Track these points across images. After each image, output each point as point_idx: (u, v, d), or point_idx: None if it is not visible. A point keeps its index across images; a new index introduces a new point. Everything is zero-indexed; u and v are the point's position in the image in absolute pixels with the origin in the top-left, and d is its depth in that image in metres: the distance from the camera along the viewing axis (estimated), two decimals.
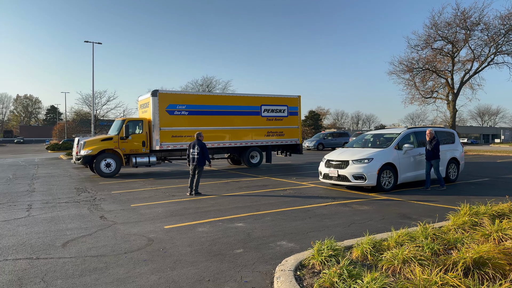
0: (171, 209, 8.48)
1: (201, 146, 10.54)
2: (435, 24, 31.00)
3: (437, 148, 10.65)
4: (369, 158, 10.17)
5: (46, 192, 11.67)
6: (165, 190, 11.65)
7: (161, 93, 16.65)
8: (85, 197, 10.55)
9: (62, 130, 62.33)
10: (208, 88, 56.56)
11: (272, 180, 13.60)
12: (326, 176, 10.99)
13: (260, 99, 19.23)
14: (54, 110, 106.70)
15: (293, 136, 20.22)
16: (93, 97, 35.65)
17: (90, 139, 16.27)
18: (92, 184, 13.50)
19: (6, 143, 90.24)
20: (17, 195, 11.05)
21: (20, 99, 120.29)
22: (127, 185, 13.07)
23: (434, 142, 10.64)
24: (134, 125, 16.41)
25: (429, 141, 10.74)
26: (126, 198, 10.16)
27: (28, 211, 8.67)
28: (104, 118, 45.98)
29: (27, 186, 13.08)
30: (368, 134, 12.59)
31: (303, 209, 8.17)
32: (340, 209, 8.19)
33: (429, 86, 34.09)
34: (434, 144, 10.63)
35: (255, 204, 8.86)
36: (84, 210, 8.65)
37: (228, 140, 18.22)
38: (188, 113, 17.21)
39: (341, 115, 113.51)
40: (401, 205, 8.55)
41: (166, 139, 16.64)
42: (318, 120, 76.35)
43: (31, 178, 15.87)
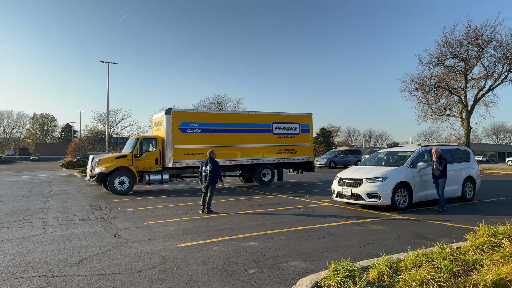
0: (184, 227, 8.48)
1: (213, 164, 10.59)
2: (446, 42, 31.03)
3: (445, 167, 10.33)
4: (383, 177, 10.08)
5: (61, 209, 11.80)
6: (178, 208, 11.68)
7: (174, 112, 16.89)
8: (99, 214, 10.64)
9: (76, 147, 63.34)
10: (220, 106, 57.15)
11: (284, 198, 13.53)
12: (339, 194, 10.90)
13: (272, 117, 19.34)
14: (69, 128, 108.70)
15: (305, 153, 20.17)
16: (108, 116, 36.28)
17: (105, 157, 16.50)
18: (106, 201, 13.62)
19: (22, 160, 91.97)
20: (33, 212, 11.20)
21: (37, 117, 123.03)
22: (140, 202, 13.15)
23: (442, 160, 10.32)
24: (148, 143, 16.62)
25: (437, 160, 10.40)
26: (139, 216, 10.21)
27: (44, 228, 8.77)
28: (118, 136, 46.65)
29: (42, 204, 13.26)
30: (381, 152, 12.50)
31: (316, 228, 8.09)
32: (354, 228, 8.09)
33: (442, 104, 33.86)
34: (441, 163, 10.30)
35: (267, 223, 8.81)
36: (98, 227, 8.71)
37: (240, 158, 18.27)
38: (201, 131, 17.38)
39: (353, 133, 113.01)
40: (416, 225, 8.40)
41: (179, 157, 16.77)
42: (330, 137, 76.07)
43: (46, 195, 16.09)
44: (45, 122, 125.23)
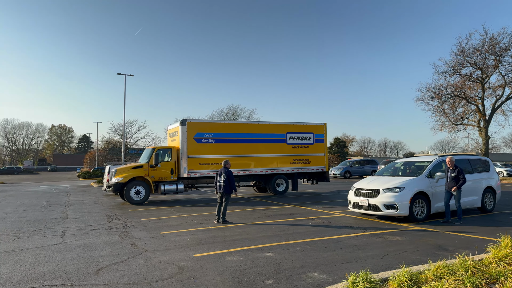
0: (200, 237, 8.50)
1: (227, 174, 10.58)
2: (462, 51, 30.69)
3: (459, 178, 9.93)
4: (400, 187, 9.93)
5: (78, 219, 11.97)
6: (193, 217, 11.72)
7: (189, 122, 17.07)
8: (115, 224, 10.75)
9: (93, 158, 64.38)
10: (233, 116, 57.47)
11: (299, 208, 13.44)
12: (355, 205, 10.77)
13: (286, 127, 19.33)
14: (86, 139, 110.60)
15: (319, 163, 20.05)
16: (124, 127, 36.85)
17: (121, 167, 16.72)
18: (122, 211, 13.76)
19: (40, 170, 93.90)
20: (51, 222, 11.38)
21: (55, 128, 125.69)
22: (156, 212, 13.24)
23: (457, 170, 9.99)
24: (163, 153, 16.80)
25: (451, 169, 10.07)
26: (155, 226, 10.28)
27: (62, 237, 8.90)
28: (134, 146, 47.24)
29: (60, 213, 13.47)
30: (398, 162, 12.34)
31: (333, 240, 8.00)
32: (372, 239, 7.97)
33: (459, 113, 33.34)
34: (457, 172, 9.95)
35: (283, 233, 8.75)
36: (115, 237, 8.80)
37: (254, 168, 18.27)
38: (215, 141, 17.48)
39: (367, 142, 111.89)
40: (436, 236, 8.22)
41: (194, 167, 16.88)
42: (344, 147, 75.46)
43: (64, 205, 16.35)
44: (63, 133, 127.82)
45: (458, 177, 9.94)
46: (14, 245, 8.04)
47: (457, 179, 9.93)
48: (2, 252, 7.43)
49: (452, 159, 10.15)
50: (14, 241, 8.50)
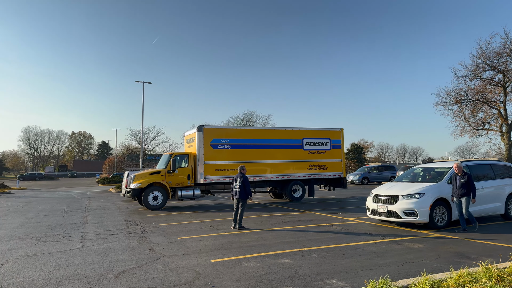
0: (217, 243, 8.52)
1: (243, 180, 10.61)
2: (483, 54, 30.04)
3: (471, 184, 9.51)
4: (420, 193, 9.74)
5: (98, 224, 12.17)
6: (210, 223, 11.76)
7: (206, 128, 17.21)
8: (134, 229, 10.88)
9: (111, 164, 65.48)
10: (249, 122, 57.64)
11: (316, 215, 13.32)
12: (374, 211, 10.61)
13: (302, 132, 19.26)
14: (105, 146, 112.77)
15: (337, 169, 19.87)
16: (142, 133, 37.41)
17: (140, 173, 16.96)
18: (140, 216, 13.92)
19: (60, 176, 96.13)
20: (72, 227, 11.60)
21: (75, 135, 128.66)
22: (173, 217, 13.34)
23: (466, 177, 9.53)
24: (180, 159, 16.97)
25: (460, 175, 9.61)
26: (173, 231, 10.36)
27: (82, 242, 9.06)
28: (152, 152, 47.88)
29: (80, 218, 13.72)
30: (417, 167, 12.12)
31: (351, 246, 7.89)
32: (391, 247, 7.82)
33: (480, 118, 32.55)
34: (467, 179, 9.50)
35: (300, 240, 8.68)
36: (133, 242, 8.90)
37: (270, 174, 18.24)
38: (231, 147, 17.56)
39: (385, 148, 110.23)
40: (457, 243, 8.02)
41: (210, 173, 16.98)
42: (361, 153, 74.50)
43: (84, 210, 16.66)
44: (83, 140, 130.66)
45: (468, 184, 9.47)
46: (36, 249, 8.23)
47: (467, 186, 9.47)
48: (25, 256, 7.62)
49: (460, 165, 9.77)
50: (36, 245, 8.69)
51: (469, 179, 9.52)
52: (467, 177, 9.53)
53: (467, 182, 9.49)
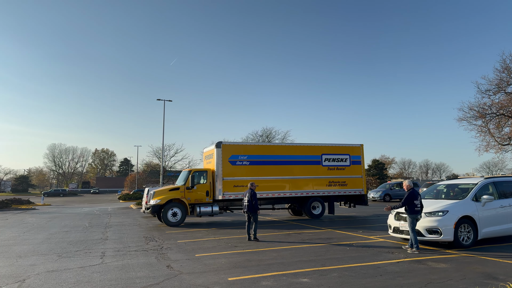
0: (234, 260, 8.43)
1: (251, 194, 11.45)
2: (507, 68, 29.30)
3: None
4: (444, 211, 9.43)
5: (117, 240, 12.28)
6: (228, 240, 11.69)
7: (224, 145, 17.30)
8: (152, 246, 10.92)
9: (133, 181, 66.46)
10: (267, 138, 57.64)
11: (337, 233, 13.06)
12: (396, 230, 10.31)
13: (321, 148, 19.09)
14: (127, 162, 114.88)
15: (357, 186, 19.51)
16: (163, 150, 37.97)
17: (159, 189, 17.12)
18: (159, 233, 13.98)
19: (83, 193, 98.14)
20: (92, 243, 11.75)
21: (98, 152, 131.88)
22: (192, 234, 13.34)
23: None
24: (199, 175, 17.06)
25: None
26: (191, 248, 10.34)
27: (102, 258, 9.14)
28: (172, 169, 48.38)
29: (101, 234, 13.89)
30: (440, 184, 11.77)
31: (372, 266, 7.66)
32: (414, 266, 7.55)
33: (506, 132, 31.52)
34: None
35: (319, 258, 8.50)
36: (152, 258, 8.92)
37: (289, 190, 18.08)
38: (249, 163, 17.54)
39: (408, 164, 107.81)
40: (484, 264, 7.67)
41: (228, 189, 16.97)
42: (383, 169, 73.11)
43: (105, 226, 16.87)
44: (105, 157, 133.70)
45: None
46: (57, 265, 8.35)
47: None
48: (46, 271, 7.73)
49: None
50: (57, 261, 8.83)
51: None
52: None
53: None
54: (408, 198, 9.25)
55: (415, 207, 9.15)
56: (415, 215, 9.17)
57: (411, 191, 9.33)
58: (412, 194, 9.27)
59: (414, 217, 9.16)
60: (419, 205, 9.20)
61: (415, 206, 9.15)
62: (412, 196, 9.23)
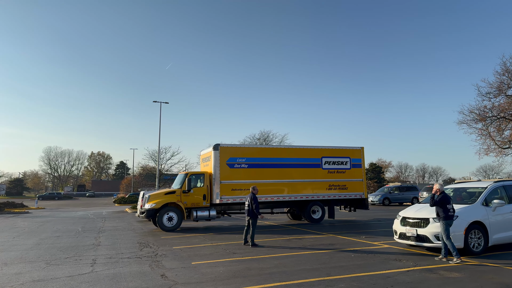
0: (233, 269, 7.93)
1: (252, 199, 11.19)
2: (507, 70, 29.00)
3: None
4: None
5: (110, 246, 11.74)
6: (226, 246, 11.18)
7: (222, 147, 16.80)
8: (147, 252, 10.39)
9: (129, 184, 65.72)
10: (265, 142, 57.16)
11: (339, 238, 12.58)
12: (402, 235, 9.84)
13: (321, 151, 18.64)
14: (123, 166, 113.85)
15: (357, 189, 19.07)
16: (159, 153, 37.42)
17: (154, 193, 16.58)
18: (154, 238, 13.44)
19: (79, 196, 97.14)
20: (84, 249, 11.21)
21: (94, 155, 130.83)
22: (188, 240, 12.81)
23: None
24: (196, 179, 16.54)
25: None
26: (187, 255, 9.82)
27: (92, 266, 8.62)
28: (168, 172, 47.70)
29: (93, 240, 13.35)
30: (447, 188, 11.31)
31: (381, 275, 7.17)
32: (425, 275, 7.08)
33: (506, 136, 31.21)
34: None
35: (324, 267, 8.01)
36: (145, 267, 8.40)
37: (288, 194, 17.59)
38: (248, 166, 17.06)
39: (405, 168, 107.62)
40: (499, 273, 7.20)
41: (226, 193, 16.46)
42: (380, 172, 72.79)
43: (98, 231, 16.31)
44: (101, 160, 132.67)
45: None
46: (44, 274, 7.82)
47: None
48: (31, 281, 7.20)
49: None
50: (45, 269, 8.30)
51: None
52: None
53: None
54: (441, 202, 8.61)
55: (448, 212, 8.51)
56: (450, 221, 8.49)
57: (443, 195, 8.70)
58: (444, 198, 8.64)
59: (449, 223, 8.46)
60: (452, 210, 8.58)
61: (448, 211, 8.52)
62: (445, 200, 8.61)
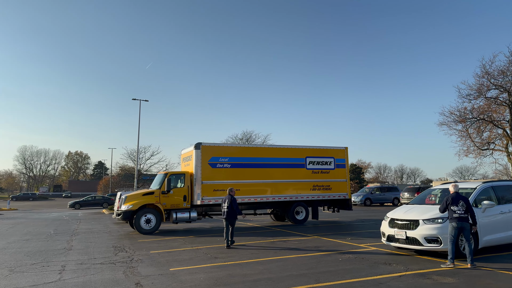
0: (215, 276, 7.37)
1: (230, 200, 11.18)
2: (487, 73, 29.41)
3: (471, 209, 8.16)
4: (443, 217, 8.65)
5: (83, 250, 10.99)
6: (207, 250, 10.59)
7: (204, 146, 16.18)
8: (122, 257, 9.71)
9: (107, 184, 64.00)
10: (248, 142, 56.58)
11: (324, 240, 12.17)
12: (390, 238, 9.49)
13: (305, 151, 18.26)
14: (101, 166, 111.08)
15: (341, 190, 18.78)
16: (138, 153, 36.32)
17: (132, 194, 15.81)
18: (131, 241, 12.72)
19: (55, 197, 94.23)
20: (53, 254, 10.43)
21: (71, 155, 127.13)
22: (166, 243, 12.15)
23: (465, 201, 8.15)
24: (176, 179, 15.84)
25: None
26: (165, 260, 9.19)
27: (61, 273, 7.92)
28: (147, 172, 46.44)
29: (65, 243, 12.54)
30: (435, 188, 11.07)
31: (373, 281, 6.75)
32: (419, 281, 6.69)
33: (485, 137, 31.67)
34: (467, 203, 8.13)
35: (312, 272, 7.54)
36: (119, 273, 7.75)
37: (272, 194, 17.11)
38: (231, 166, 16.50)
39: (383, 169, 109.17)
40: (495, 278, 6.90)
41: (208, 193, 15.85)
42: (360, 173, 73.54)
43: (71, 234, 15.44)
44: (79, 159, 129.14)
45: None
46: (5, 283, 7.08)
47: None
48: None
49: (457, 185, 8.51)
50: (7, 277, 7.55)
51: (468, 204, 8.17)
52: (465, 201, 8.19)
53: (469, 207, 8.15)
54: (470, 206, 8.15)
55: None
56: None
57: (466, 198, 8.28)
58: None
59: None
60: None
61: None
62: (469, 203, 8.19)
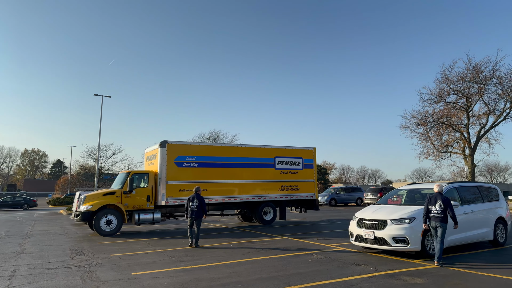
0: (180, 281, 6.97)
1: (199, 199, 11.10)
2: (447, 79, 30.67)
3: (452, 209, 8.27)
4: (410, 218, 8.73)
5: (36, 254, 10.21)
6: (171, 253, 10.14)
7: (169, 144, 15.61)
8: (79, 261, 9.07)
9: (65, 184, 61.20)
10: (215, 141, 56.01)
11: (292, 240, 12.03)
12: (359, 238, 9.47)
13: (274, 151, 18.11)
14: (60, 164, 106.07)
15: (309, 190, 18.81)
16: (99, 151, 34.85)
17: (91, 194, 14.97)
18: (90, 244, 12.00)
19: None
20: (3, 258, 9.61)
21: (28, 153, 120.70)
22: (128, 246, 11.55)
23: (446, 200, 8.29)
24: (139, 178, 15.16)
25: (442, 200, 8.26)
26: (126, 264, 8.66)
27: (10, 279, 7.24)
28: (109, 171, 44.66)
29: (17, 246, 11.64)
30: (401, 189, 11.23)
31: (344, 283, 6.62)
32: (389, 282, 6.63)
33: (444, 140, 33.02)
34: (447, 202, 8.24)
35: (281, 275, 7.32)
36: (75, 279, 7.17)
37: (240, 195, 16.81)
38: (198, 165, 16.03)
39: (347, 170, 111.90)
40: (463, 278, 6.97)
41: (173, 194, 15.29)
42: (325, 174, 74.83)
43: (24, 236, 14.41)
44: (36, 158, 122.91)
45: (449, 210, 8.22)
46: None
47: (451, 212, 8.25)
48: None
49: (442, 186, 8.70)
50: None
51: (448, 203, 8.27)
52: (446, 200, 8.31)
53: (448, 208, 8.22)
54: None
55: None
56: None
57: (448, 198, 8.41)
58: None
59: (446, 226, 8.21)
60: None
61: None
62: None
